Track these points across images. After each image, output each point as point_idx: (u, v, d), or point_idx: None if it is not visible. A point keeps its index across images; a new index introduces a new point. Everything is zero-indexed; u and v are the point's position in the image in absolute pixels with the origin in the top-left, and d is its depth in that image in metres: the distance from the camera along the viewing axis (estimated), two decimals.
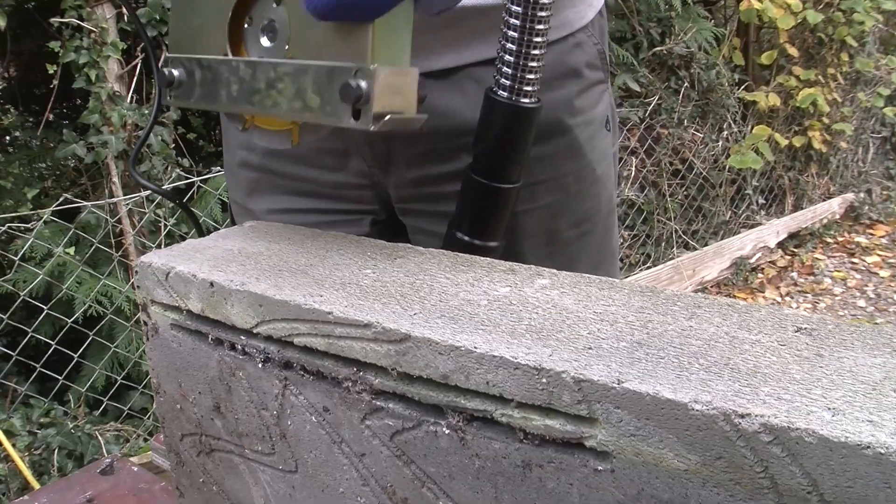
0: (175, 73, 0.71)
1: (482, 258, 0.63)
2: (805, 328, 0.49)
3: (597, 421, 0.43)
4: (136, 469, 1.05)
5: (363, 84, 0.56)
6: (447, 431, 0.50)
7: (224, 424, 0.67)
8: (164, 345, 0.70)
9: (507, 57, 0.73)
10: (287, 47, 0.63)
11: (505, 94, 0.73)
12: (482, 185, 0.77)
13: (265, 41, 0.65)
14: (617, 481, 0.44)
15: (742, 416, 0.39)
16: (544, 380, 0.44)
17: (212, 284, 0.62)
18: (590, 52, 0.97)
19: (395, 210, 1.00)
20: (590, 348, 0.46)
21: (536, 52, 0.72)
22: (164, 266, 0.67)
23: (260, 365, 0.60)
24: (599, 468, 0.44)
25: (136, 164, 0.88)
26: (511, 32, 0.72)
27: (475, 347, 0.46)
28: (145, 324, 0.73)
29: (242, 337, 0.62)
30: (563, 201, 0.96)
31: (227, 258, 0.66)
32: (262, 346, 0.60)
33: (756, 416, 0.39)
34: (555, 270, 0.60)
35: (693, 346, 0.46)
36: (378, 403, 0.53)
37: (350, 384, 0.54)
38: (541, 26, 0.71)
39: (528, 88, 0.73)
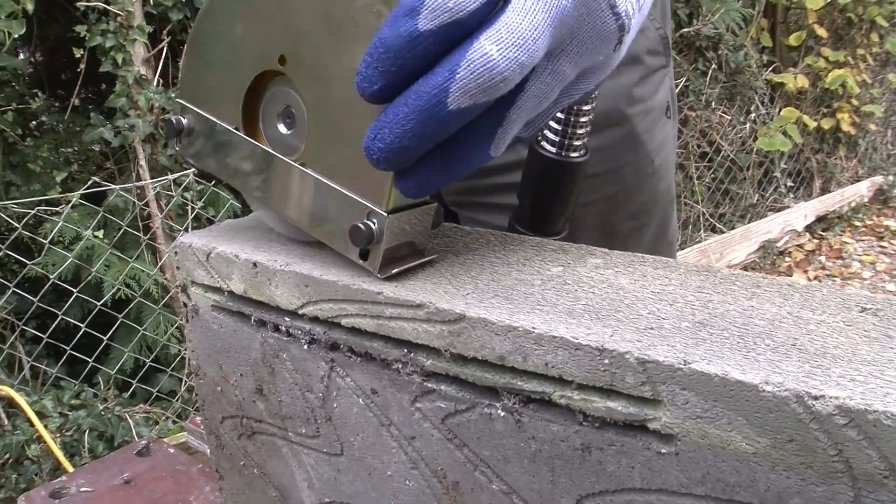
0: (184, 121, 0.65)
1: (530, 237, 0.62)
2: (870, 308, 0.47)
3: (661, 403, 0.42)
4: (171, 451, 1.05)
5: (374, 228, 0.52)
6: (502, 414, 0.48)
7: (267, 407, 0.66)
8: (204, 326, 0.70)
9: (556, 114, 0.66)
10: (303, 147, 0.57)
11: (553, 149, 0.68)
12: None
13: (282, 127, 0.59)
14: (681, 464, 0.42)
15: (816, 398, 0.37)
16: (607, 361, 0.43)
17: (255, 265, 0.61)
18: (651, 37, 0.93)
19: (443, 200, 0.99)
20: (651, 328, 0.45)
21: (587, 107, 0.66)
22: (205, 247, 0.66)
23: (305, 346, 0.60)
24: (663, 451, 0.43)
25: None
26: None
27: (534, 328, 0.45)
28: (185, 305, 0.72)
29: (287, 318, 0.61)
30: (620, 194, 0.93)
31: (270, 238, 0.65)
32: (307, 327, 0.59)
33: (831, 398, 0.37)
34: (606, 249, 0.58)
35: (757, 326, 0.45)
36: (429, 385, 0.52)
37: (400, 366, 0.53)
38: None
39: (578, 143, 0.68)
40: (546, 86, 0.47)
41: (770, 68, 5.01)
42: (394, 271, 0.54)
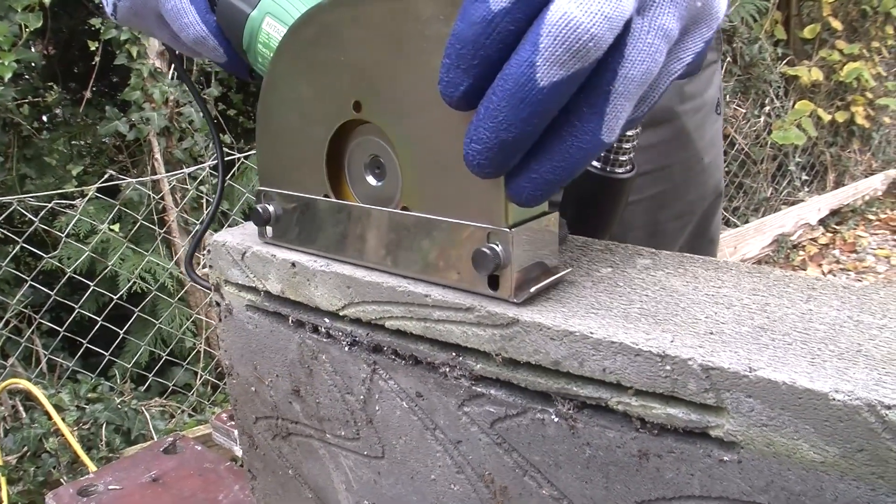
0: (270, 208, 0.63)
1: (576, 237, 0.61)
2: None
3: (724, 410, 0.41)
4: (199, 448, 1.04)
5: (499, 249, 0.47)
6: (556, 419, 0.48)
7: (303, 408, 0.66)
8: (238, 326, 0.69)
9: None
10: (399, 191, 0.54)
11: (597, 164, 0.62)
12: None
13: (371, 179, 0.56)
14: (744, 472, 0.41)
15: (889, 408, 0.36)
16: (668, 367, 0.42)
17: (294, 265, 0.60)
18: None
19: None
20: (711, 333, 0.44)
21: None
22: (240, 245, 0.65)
23: (346, 348, 0.59)
24: (725, 458, 0.42)
25: (191, 262, 0.78)
26: None
27: (591, 332, 0.44)
28: (217, 304, 0.71)
29: (327, 319, 0.60)
30: (668, 192, 0.92)
31: None
32: (348, 328, 0.58)
33: None
34: (653, 249, 0.57)
35: (819, 331, 0.44)
36: (478, 389, 0.51)
37: (447, 369, 0.52)
38: None
39: (624, 158, 0.63)
40: (649, 46, 0.41)
41: (784, 61, 4.98)
42: (532, 290, 0.49)
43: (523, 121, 0.40)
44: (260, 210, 0.63)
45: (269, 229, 0.64)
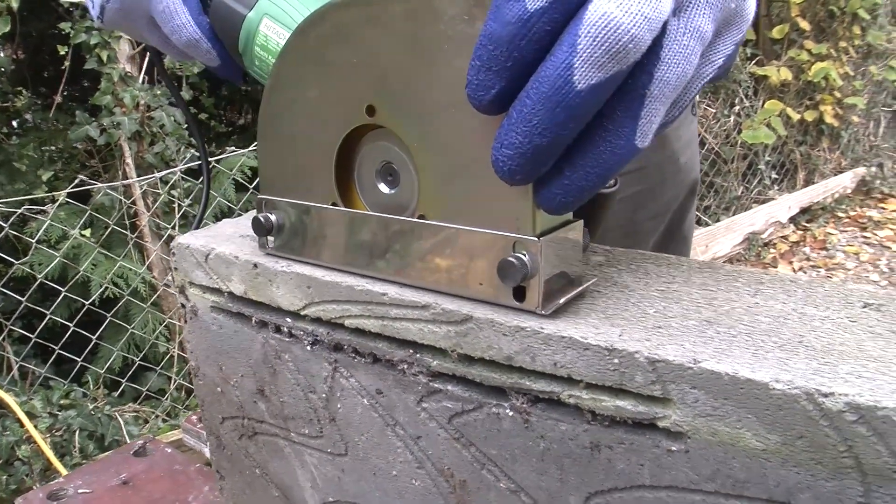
0: (273, 217, 0.59)
1: None
2: (873, 304, 0.48)
3: (671, 401, 0.42)
4: (169, 451, 1.04)
5: (527, 259, 0.45)
6: (510, 413, 0.49)
7: (268, 408, 0.66)
8: (203, 327, 0.70)
9: None
10: (416, 199, 0.51)
11: None
12: None
13: (384, 187, 0.54)
14: (691, 462, 0.43)
15: (825, 396, 0.38)
16: (616, 360, 0.43)
17: (256, 266, 0.61)
18: None
19: None
20: (659, 327, 0.45)
21: None
22: (204, 247, 0.66)
23: (308, 347, 0.60)
24: (673, 448, 0.43)
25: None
26: None
27: (542, 328, 0.45)
28: (183, 306, 0.72)
29: (289, 319, 0.61)
30: (644, 193, 0.93)
31: None
32: (310, 328, 0.59)
33: (840, 395, 0.37)
34: (607, 247, 0.59)
35: (763, 323, 0.45)
36: (436, 385, 0.52)
37: (406, 366, 0.53)
38: None
39: None
40: (684, 48, 0.40)
41: (754, 61, 5.03)
42: (561, 301, 0.47)
43: (559, 125, 0.39)
44: (262, 220, 0.60)
45: (270, 240, 0.62)
